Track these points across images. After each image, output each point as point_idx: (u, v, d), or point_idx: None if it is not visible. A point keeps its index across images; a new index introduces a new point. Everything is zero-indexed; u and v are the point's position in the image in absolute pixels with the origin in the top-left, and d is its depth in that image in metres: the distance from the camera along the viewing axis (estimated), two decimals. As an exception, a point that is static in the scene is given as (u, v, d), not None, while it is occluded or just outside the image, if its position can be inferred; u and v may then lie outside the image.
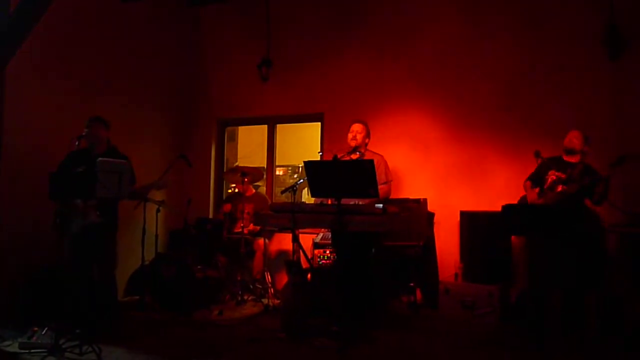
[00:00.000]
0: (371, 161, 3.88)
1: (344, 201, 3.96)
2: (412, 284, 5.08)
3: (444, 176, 5.70)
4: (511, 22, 5.51)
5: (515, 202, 4.56)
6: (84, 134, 4.30)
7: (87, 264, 4.28)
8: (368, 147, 4.84)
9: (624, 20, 4.96)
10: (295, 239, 4.43)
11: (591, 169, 4.27)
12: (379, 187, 4.53)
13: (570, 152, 4.42)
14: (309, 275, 4.94)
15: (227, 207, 6.04)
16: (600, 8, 5.05)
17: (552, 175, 4.37)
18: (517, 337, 4.17)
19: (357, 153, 4.68)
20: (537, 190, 4.47)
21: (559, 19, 5.31)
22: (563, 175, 4.32)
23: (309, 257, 5.24)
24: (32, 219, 4.55)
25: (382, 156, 4.73)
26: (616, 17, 4.97)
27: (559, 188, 4.28)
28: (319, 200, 4.58)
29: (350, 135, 4.74)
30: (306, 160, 4.02)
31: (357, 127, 4.77)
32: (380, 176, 4.59)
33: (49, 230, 4.12)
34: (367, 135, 4.80)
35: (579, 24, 5.22)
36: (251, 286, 5.55)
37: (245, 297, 5.42)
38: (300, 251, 4.74)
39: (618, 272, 4.31)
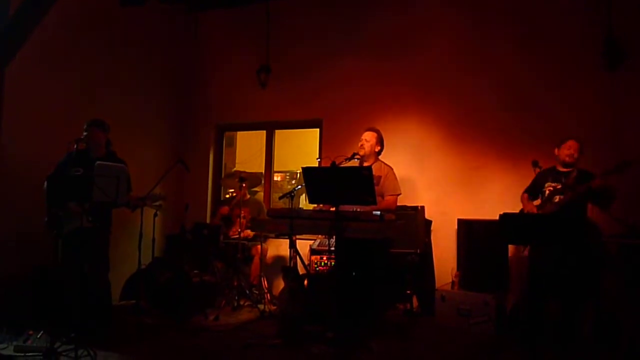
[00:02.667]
0: (369, 168, 3.86)
1: (342, 208, 3.95)
2: (408, 292, 5.09)
3: (442, 184, 5.70)
4: (512, 32, 5.53)
5: (513, 210, 4.55)
6: (82, 137, 4.30)
7: (80, 265, 4.26)
8: (380, 157, 4.72)
9: (622, 32, 5.00)
10: (293, 245, 4.42)
11: (586, 172, 4.24)
12: (388, 196, 4.53)
13: (569, 165, 4.35)
14: (305, 282, 4.93)
15: (225, 209, 6.03)
16: (600, 20, 5.08)
17: (548, 187, 4.37)
18: (512, 348, 4.17)
19: (356, 160, 4.66)
20: (536, 202, 4.45)
21: (559, 30, 5.34)
22: (558, 186, 4.31)
23: (306, 263, 5.23)
24: (29, 221, 4.52)
25: (391, 168, 4.67)
26: (615, 28, 5.01)
27: (556, 199, 4.28)
28: (318, 207, 4.57)
29: (359, 144, 4.67)
30: (304, 166, 4.02)
31: (365, 136, 4.66)
32: (388, 187, 4.56)
33: (44, 230, 4.12)
34: (378, 143, 4.65)
35: (578, 34, 5.25)
36: (247, 292, 5.54)
37: (242, 303, 5.41)
38: (297, 257, 4.74)
39: (615, 283, 4.31)
